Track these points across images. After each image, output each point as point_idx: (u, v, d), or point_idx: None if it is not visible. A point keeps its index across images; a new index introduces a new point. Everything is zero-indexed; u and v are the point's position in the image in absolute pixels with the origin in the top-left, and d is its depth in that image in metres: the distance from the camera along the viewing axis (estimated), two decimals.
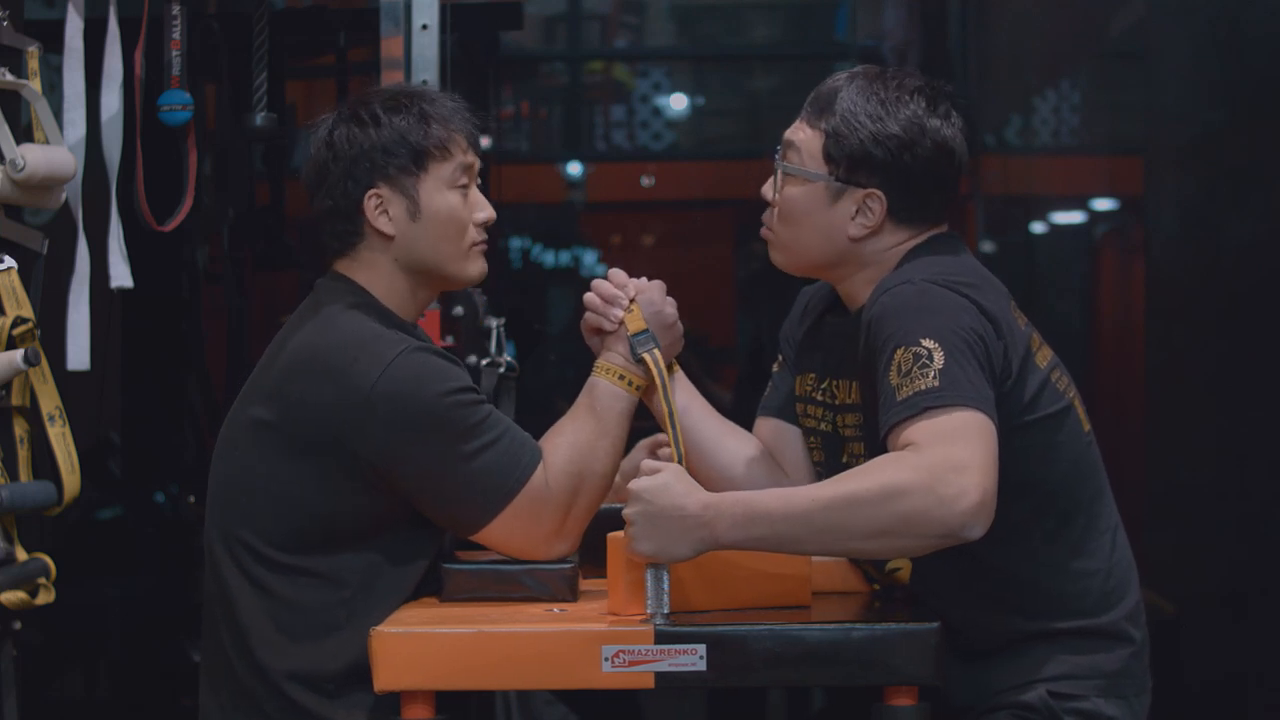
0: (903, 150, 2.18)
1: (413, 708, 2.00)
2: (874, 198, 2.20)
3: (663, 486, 1.98)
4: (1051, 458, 2.18)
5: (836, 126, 2.20)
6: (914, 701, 1.99)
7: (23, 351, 2.36)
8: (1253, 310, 3.95)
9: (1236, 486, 3.96)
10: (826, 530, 1.94)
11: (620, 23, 5.18)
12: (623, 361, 2.31)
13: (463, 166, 2.31)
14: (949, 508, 1.89)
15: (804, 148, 2.23)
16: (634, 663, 1.97)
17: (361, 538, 2.24)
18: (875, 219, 2.20)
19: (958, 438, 1.94)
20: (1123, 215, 4.79)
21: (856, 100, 2.20)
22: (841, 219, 2.21)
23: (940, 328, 2.03)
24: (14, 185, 2.42)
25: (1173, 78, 4.29)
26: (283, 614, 2.22)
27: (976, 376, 2.01)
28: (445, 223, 2.31)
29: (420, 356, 2.23)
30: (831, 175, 2.21)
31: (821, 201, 2.22)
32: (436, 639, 2.00)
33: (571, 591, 2.21)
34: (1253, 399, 3.94)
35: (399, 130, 2.29)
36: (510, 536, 2.23)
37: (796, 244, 2.25)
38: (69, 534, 4.27)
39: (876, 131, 2.18)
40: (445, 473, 2.20)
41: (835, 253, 2.23)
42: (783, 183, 2.25)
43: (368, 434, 2.19)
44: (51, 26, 2.61)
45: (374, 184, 2.29)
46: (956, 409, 1.96)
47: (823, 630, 1.99)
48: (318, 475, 2.21)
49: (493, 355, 2.81)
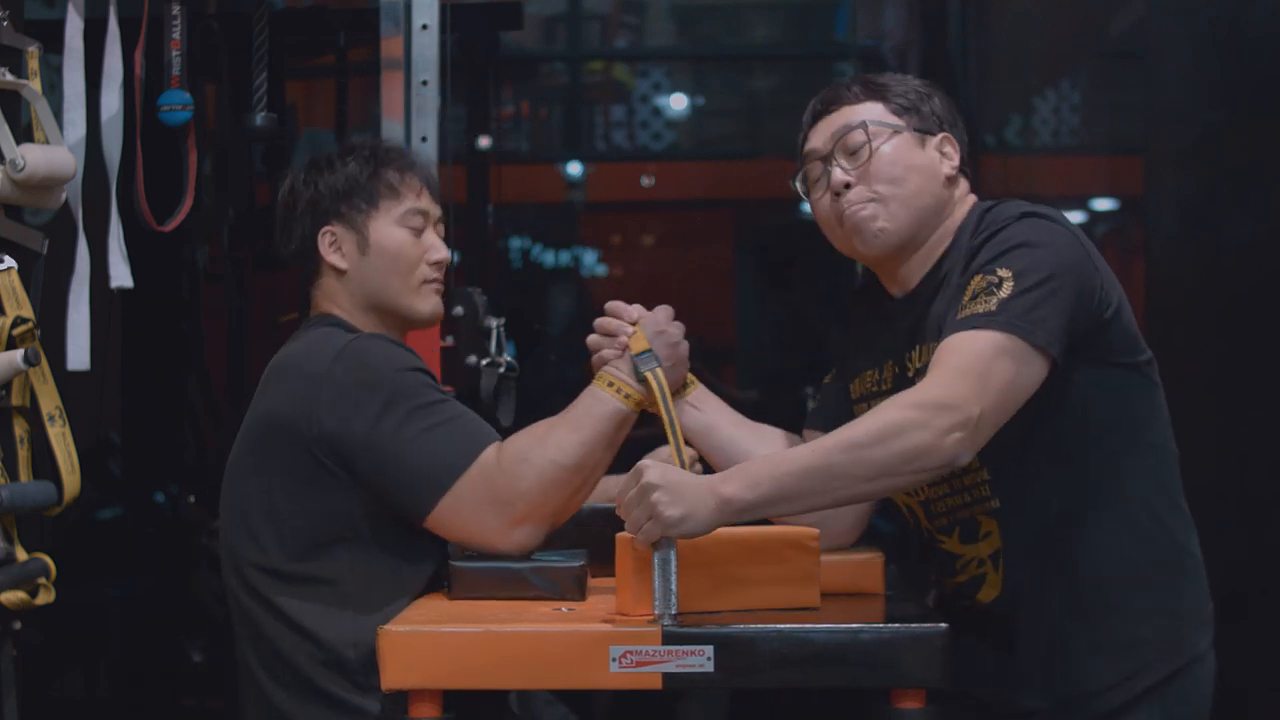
0: (944, 104, 2.34)
1: (420, 706, 1.99)
2: (948, 141, 2.31)
3: (669, 466, 2.01)
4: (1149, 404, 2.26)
5: (882, 92, 2.31)
6: (921, 704, 1.98)
7: (23, 351, 2.35)
8: (1253, 310, 3.95)
9: (1236, 486, 3.96)
10: (832, 477, 2.00)
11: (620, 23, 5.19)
12: (619, 374, 2.34)
13: (415, 209, 2.45)
14: (940, 441, 2.00)
15: (870, 114, 2.30)
16: (641, 663, 1.96)
17: (352, 541, 2.29)
18: (957, 158, 2.31)
19: (970, 367, 2.05)
20: (1123, 215, 4.80)
21: (877, 78, 2.34)
22: (934, 161, 2.30)
23: (1019, 259, 2.13)
24: (14, 185, 2.41)
25: (1173, 78, 4.29)
26: (295, 623, 2.28)
27: (1042, 308, 2.09)
28: (393, 257, 2.43)
29: (375, 341, 2.34)
30: (909, 127, 2.30)
31: (914, 146, 2.29)
32: (444, 638, 1.99)
33: (580, 591, 2.21)
34: (1253, 399, 3.93)
35: (350, 173, 2.45)
36: (460, 515, 2.24)
37: (908, 195, 2.28)
38: (69, 534, 4.26)
39: (924, 92, 2.33)
40: (393, 446, 2.25)
41: (936, 198, 2.29)
42: (872, 148, 2.28)
43: (321, 415, 2.27)
44: (51, 26, 2.60)
45: (328, 221, 2.45)
46: (996, 332, 2.07)
47: (830, 632, 1.98)
48: (295, 479, 2.28)
49: (493, 355, 2.81)
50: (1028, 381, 2.09)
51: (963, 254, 2.24)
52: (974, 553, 2.27)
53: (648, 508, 1.97)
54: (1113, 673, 2.22)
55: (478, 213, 4.33)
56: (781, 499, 2.00)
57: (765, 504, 2.00)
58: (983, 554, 2.26)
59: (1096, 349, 2.18)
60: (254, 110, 3.00)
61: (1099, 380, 2.20)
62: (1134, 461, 2.24)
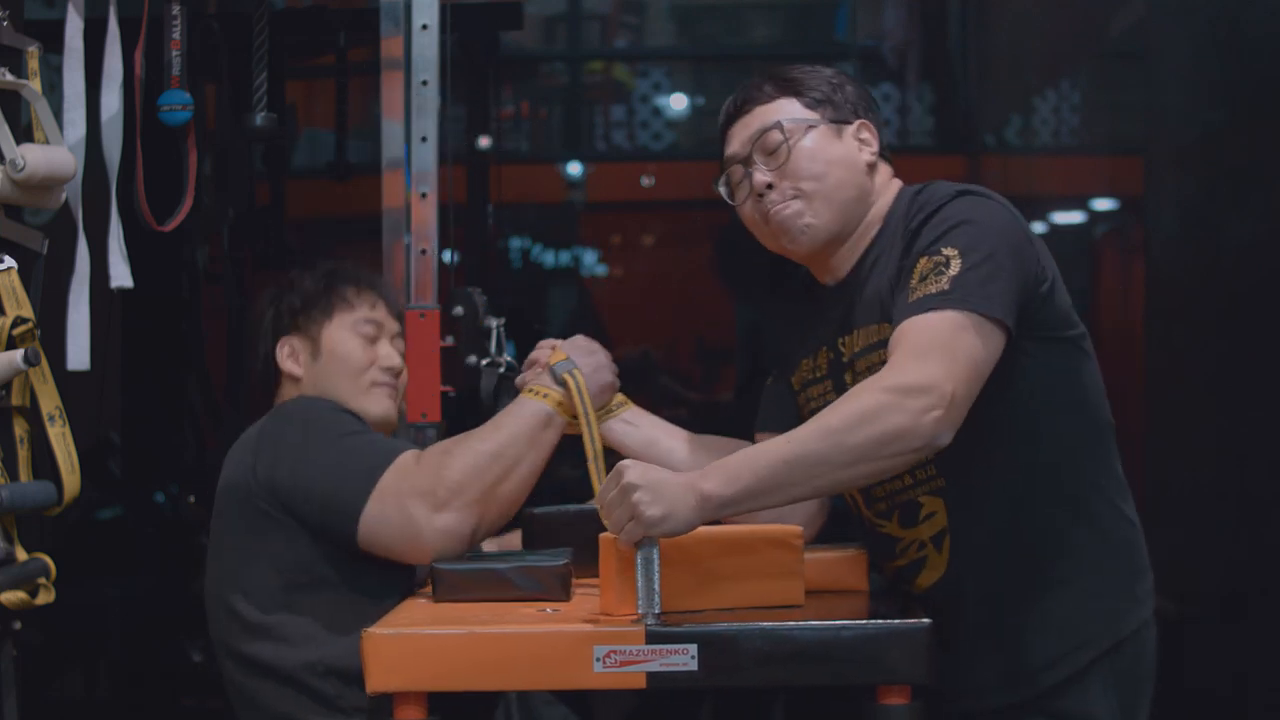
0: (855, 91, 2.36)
1: (405, 709, 2.00)
2: (865, 127, 2.33)
3: (650, 465, 2.02)
4: (1089, 378, 2.28)
5: (794, 86, 2.33)
6: (906, 700, 1.98)
7: (23, 351, 2.36)
8: (1253, 310, 3.95)
9: (1236, 486, 3.97)
10: (809, 466, 2.00)
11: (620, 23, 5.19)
12: (538, 381, 2.47)
13: (368, 319, 2.61)
14: (918, 422, 2.00)
15: (784, 112, 2.32)
16: (625, 663, 1.96)
17: (314, 587, 2.41)
18: (876, 144, 2.33)
19: (935, 346, 2.06)
20: (1123, 215, 4.80)
21: (787, 72, 2.35)
22: (853, 150, 2.32)
23: (962, 236, 2.15)
24: (14, 185, 2.42)
25: (1173, 78, 4.29)
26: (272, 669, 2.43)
27: (993, 283, 2.11)
28: (342, 360, 2.58)
29: (308, 398, 2.53)
30: (824, 119, 2.31)
31: (831, 139, 2.32)
32: (428, 640, 1.99)
33: (564, 591, 2.21)
34: (1253, 399, 3.94)
35: (307, 288, 2.64)
36: (385, 513, 2.32)
37: (830, 189, 2.30)
38: (69, 534, 4.27)
39: (835, 82, 2.34)
40: (313, 470, 2.37)
41: (859, 187, 2.31)
42: (790, 148, 2.29)
43: (258, 465, 2.42)
44: (51, 26, 2.61)
45: (285, 334, 2.62)
46: (953, 310, 2.08)
47: (814, 629, 1.98)
48: (251, 535, 2.43)
49: (493, 355, 2.81)
50: (991, 355, 2.11)
51: (896, 237, 2.26)
52: (914, 535, 2.28)
53: (629, 508, 1.97)
54: (1058, 647, 2.23)
55: (478, 213, 4.34)
56: (762, 491, 2.01)
57: (746, 497, 2.01)
58: (923, 536, 2.27)
59: (1037, 323, 2.20)
60: (254, 110, 3.00)
61: (1040, 354, 2.22)
62: (1076, 434, 2.26)
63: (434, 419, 2.86)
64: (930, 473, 2.24)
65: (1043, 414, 2.23)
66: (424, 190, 2.92)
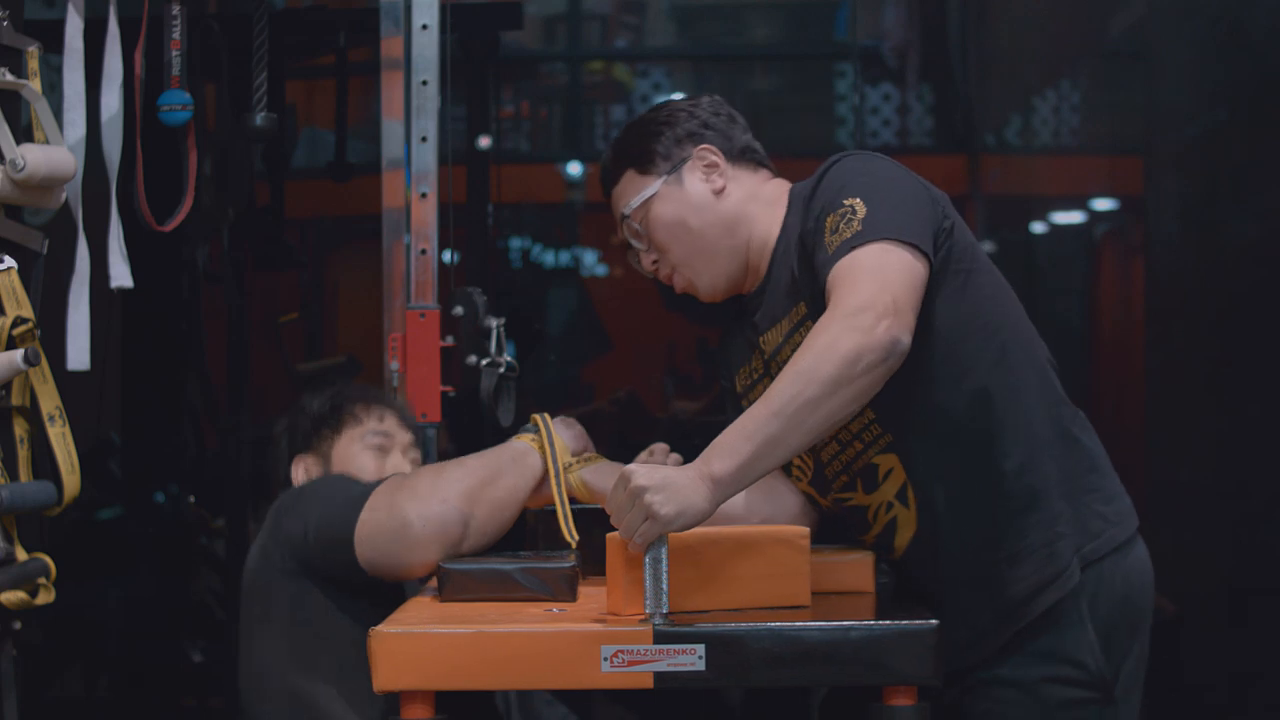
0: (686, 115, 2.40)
1: (412, 708, 2.00)
2: (703, 151, 2.38)
3: (654, 466, 2.04)
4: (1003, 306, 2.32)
5: (627, 155, 2.41)
6: (913, 701, 1.99)
7: (23, 351, 2.36)
8: (1252, 310, 3.95)
9: (1236, 486, 3.97)
10: (795, 410, 2.03)
11: (620, 23, 5.18)
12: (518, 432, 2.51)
13: (378, 431, 2.67)
14: (871, 334, 2.04)
15: (627, 193, 2.41)
16: (633, 662, 1.97)
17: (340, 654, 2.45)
18: (720, 163, 2.37)
19: (864, 272, 2.11)
20: (1123, 215, 4.79)
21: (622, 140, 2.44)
22: (699, 188, 2.37)
23: (858, 186, 2.20)
24: (14, 185, 2.42)
25: (1173, 78, 4.29)
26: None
27: (898, 212, 2.17)
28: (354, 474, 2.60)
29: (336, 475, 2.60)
30: (660, 176, 2.37)
31: (676, 196, 2.37)
32: (435, 639, 2.00)
33: (571, 591, 2.21)
34: (1252, 399, 3.94)
35: (317, 409, 2.72)
36: (378, 519, 2.34)
37: (698, 244, 2.36)
38: (69, 534, 4.27)
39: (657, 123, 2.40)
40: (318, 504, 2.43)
41: (721, 221, 2.36)
42: (647, 227, 2.38)
43: (278, 530, 2.48)
44: (51, 26, 2.61)
45: (300, 453, 2.69)
46: (873, 243, 2.13)
47: (821, 630, 1.99)
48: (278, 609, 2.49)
49: (493, 355, 2.81)
50: (921, 273, 2.15)
51: (795, 224, 2.30)
52: (880, 497, 2.30)
53: (642, 510, 1.98)
54: (1037, 577, 2.26)
55: (478, 213, 4.33)
56: (763, 453, 2.03)
57: (752, 463, 2.03)
58: (888, 496, 2.29)
59: (944, 260, 2.24)
60: (254, 110, 3.00)
61: (948, 289, 2.25)
62: (1006, 361, 2.29)
63: (434, 419, 2.86)
64: (876, 431, 2.27)
65: (962, 347, 2.26)
66: (424, 190, 2.93)
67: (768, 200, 2.38)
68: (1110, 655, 2.28)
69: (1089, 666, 2.26)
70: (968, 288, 2.27)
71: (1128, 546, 2.33)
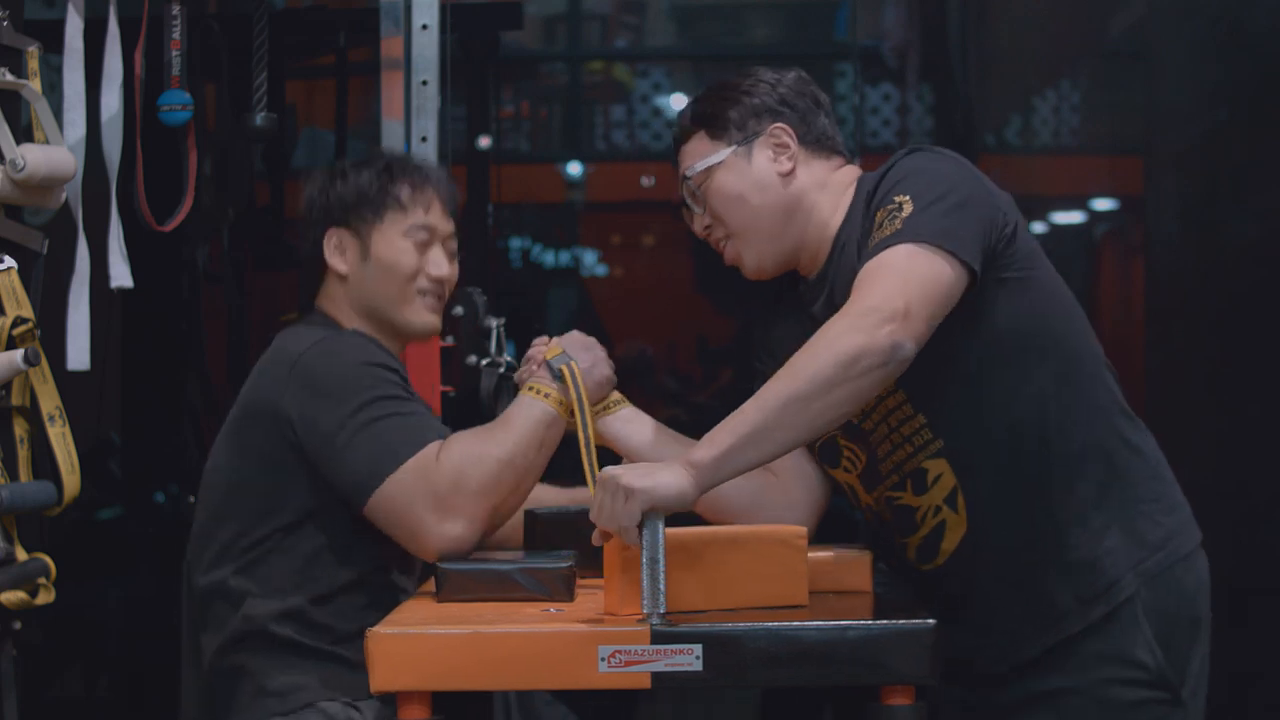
0: (770, 88, 2.36)
1: (409, 708, 2.00)
2: (777, 130, 2.34)
3: (629, 464, 2.05)
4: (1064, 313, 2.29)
5: (702, 116, 2.36)
6: (910, 701, 1.98)
7: (23, 351, 2.36)
8: (1253, 310, 3.95)
9: (1236, 486, 3.96)
10: (785, 405, 2.02)
11: (620, 23, 5.18)
12: (538, 380, 2.44)
13: (422, 224, 2.51)
14: (872, 337, 2.02)
15: (694, 154, 2.37)
16: (630, 663, 1.96)
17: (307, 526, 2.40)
18: (791, 147, 2.34)
19: (886, 272, 2.09)
20: (1123, 215, 4.80)
21: (704, 98, 2.39)
22: (765, 166, 2.34)
23: (913, 183, 2.18)
24: (14, 185, 2.42)
25: (1173, 78, 4.29)
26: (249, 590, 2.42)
27: (945, 216, 2.13)
28: (390, 267, 2.50)
29: (354, 338, 2.45)
30: (731, 145, 2.34)
31: (741, 168, 2.34)
32: (432, 639, 1.99)
33: (568, 592, 2.21)
34: (1252, 399, 3.94)
35: (361, 184, 2.53)
36: (395, 503, 2.30)
37: (754, 220, 2.34)
38: (69, 534, 4.27)
39: (739, 90, 2.35)
40: (341, 435, 2.33)
41: (781, 203, 2.33)
42: (706, 192, 2.35)
43: (289, 392, 2.37)
44: (51, 26, 2.61)
45: (334, 225, 2.53)
46: (906, 244, 2.11)
47: (818, 630, 1.98)
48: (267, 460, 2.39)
49: (493, 355, 2.81)
50: (948, 281, 2.12)
51: (859, 215, 2.29)
52: (929, 501, 2.29)
53: (620, 492, 1.98)
54: (1084, 590, 2.24)
55: (478, 213, 4.33)
56: (746, 444, 2.02)
57: (733, 453, 2.01)
58: (937, 500, 2.28)
59: (1000, 265, 2.21)
60: (254, 110, 3.01)
61: (1012, 295, 2.23)
62: (1062, 368, 2.26)
63: None
64: (927, 436, 2.26)
65: (1018, 353, 2.24)
66: None
67: (835, 188, 2.35)
68: (1171, 657, 2.25)
69: (1149, 665, 2.23)
70: (1026, 293, 2.24)
71: (1191, 558, 2.30)
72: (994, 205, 2.22)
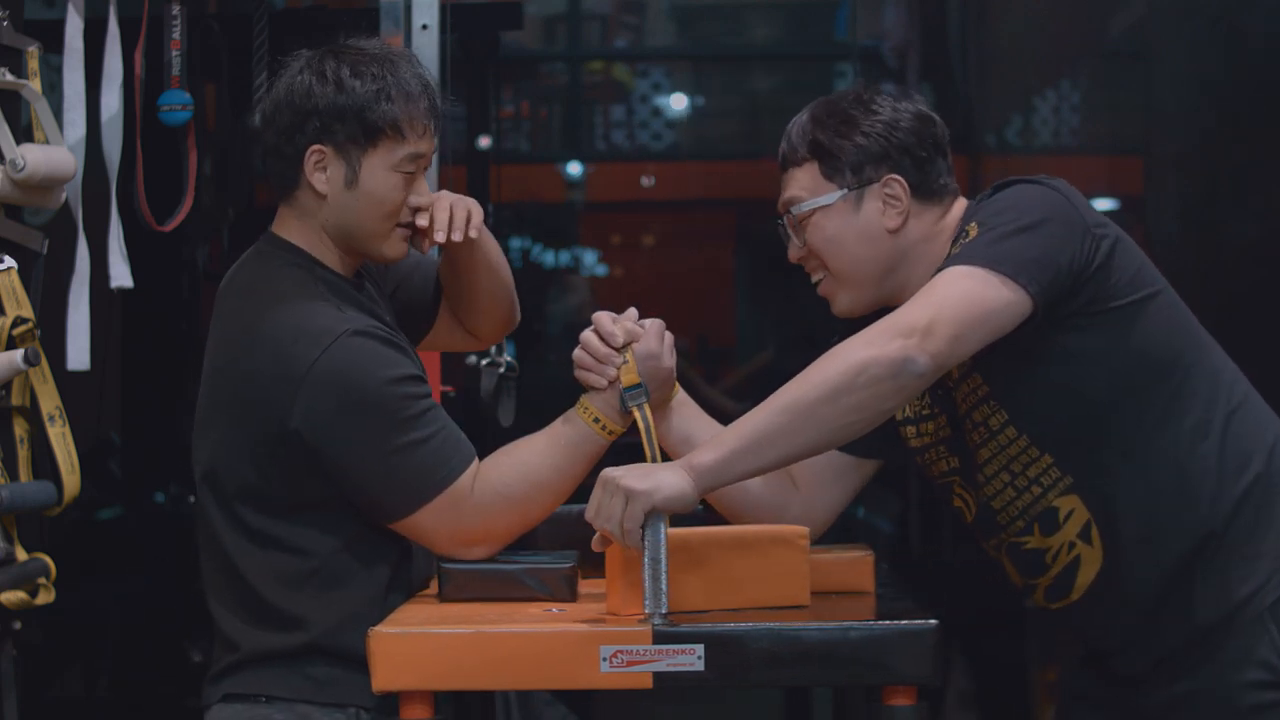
0: (889, 131, 2.27)
1: (411, 708, 2.00)
2: (891, 183, 2.27)
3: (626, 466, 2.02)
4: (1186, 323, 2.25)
5: (818, 147, 2.28)
6: (912, 701, 1.98)
7: (23, 351, 2.36)
8: (1252, 310, 3.95)
9: None
10: (791, 411, 2.00)
11: (620, 23, 5.19)
12: (604, 408, 2.28)
13: (413, 154, 2.29)
14: (883, 350, 2.00)
15: (803, 185, 2.29)
16: (632, 663, 1.96)
17: (321, 511, 2.24)
18: (903, 201, 2.27)
19: (929, 291, 2.07)
20: (1123, 215, 4.79)
21: (823, 123, 2.29)
22: (874, 218, 2.27)
23: (989, 211, 2.15)
24: (14, 185, 2.42)
25: (1173, 78, 4.29)
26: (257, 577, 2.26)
27: (1007, 241, 2.10)
28: (378, 202, 2.29)
29: (359, 341, 2.23)
30: (842, 188, 2.27)
31: (848, 214, 2.27)
32: (434, 639, 1.99)
33: (570, 592, 2.21)
34: None
35: (358, 100, 2.27)
36: (426, 533, 2.24)
37: (853, 268, 2.28)
38: (69, 534, 4.27)
39: (859, 129, 2.27)
40: (373, 460, 2.20)
41: (885, 256, 2.27)
42: (806, 228, 2.29)
43: (304, 411, 2.18)
44: (51, 26, 2.61)
45: (319, 141, 2.27)
46: (955, 267, 2.09)
47: (820, 630, 1.98)
48: (265, 448, 2.22)
49: (493, 355, 2.81)
50: (992, 303, 2.07)
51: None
52: (1062, 538, 2.23)
53: (620, 494, 1.97)
54: (1226, 599, 2.19)
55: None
56: (750, 449, 2.01)
57: (734, 458, 2.01)
58: (1070, 536, 2.23)
59: (1096, 298, 2.16)
60: (254, 110, 3.00)
61: (1115, 321, 2.18)
62: (1189, 386, 2.21)
63: None
64: (1055, 475, 2.21)
65: (1136, 380, 2.19)
66: None
67: (943, 235, 2.28)
68: None
69: (1277, 667, 2.19)
70: (1137, 319, 2.18)
71: None
72: (1080, 236, 2.15)
